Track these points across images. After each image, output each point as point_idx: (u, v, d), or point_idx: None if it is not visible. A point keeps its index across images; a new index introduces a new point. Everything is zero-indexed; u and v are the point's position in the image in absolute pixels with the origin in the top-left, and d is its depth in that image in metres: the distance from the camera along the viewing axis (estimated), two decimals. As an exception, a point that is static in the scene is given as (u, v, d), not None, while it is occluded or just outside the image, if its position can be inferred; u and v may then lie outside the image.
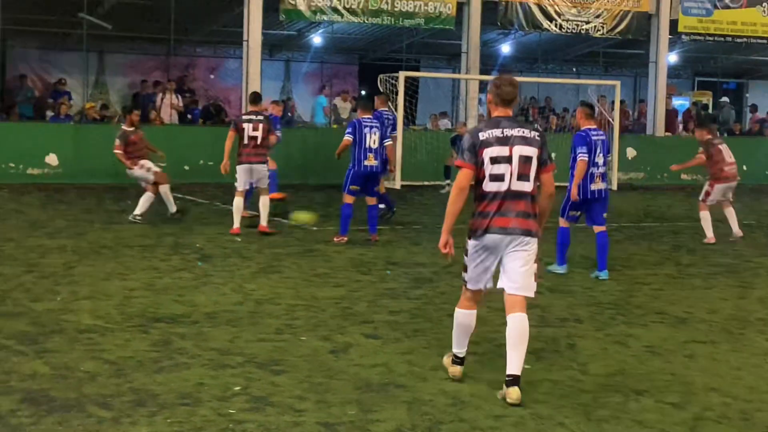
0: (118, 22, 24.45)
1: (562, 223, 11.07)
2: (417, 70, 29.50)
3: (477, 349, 7.40)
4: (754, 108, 32.04)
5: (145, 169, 14.87)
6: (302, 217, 13.95)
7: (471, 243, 6.61)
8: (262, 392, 6.21)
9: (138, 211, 14.54)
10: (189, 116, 24.50)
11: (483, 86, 27.84)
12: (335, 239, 12.93)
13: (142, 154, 14.99)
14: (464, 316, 6.73)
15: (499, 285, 6.52)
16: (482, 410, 6.01)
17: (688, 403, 6.30)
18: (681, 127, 28.16)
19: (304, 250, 12.35)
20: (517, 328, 6.31)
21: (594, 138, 10.85)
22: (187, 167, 21.51)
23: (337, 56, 31.57)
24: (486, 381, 6.62)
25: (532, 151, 6.42)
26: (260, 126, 13.48)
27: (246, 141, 13.43)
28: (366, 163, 12.96)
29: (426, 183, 22.61)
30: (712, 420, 6.01)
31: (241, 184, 13.57)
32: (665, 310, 9.25)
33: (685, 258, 12.66)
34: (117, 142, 14.84)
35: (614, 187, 23.36)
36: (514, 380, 6.20)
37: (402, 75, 22.37)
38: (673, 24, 26.27)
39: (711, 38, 27.00)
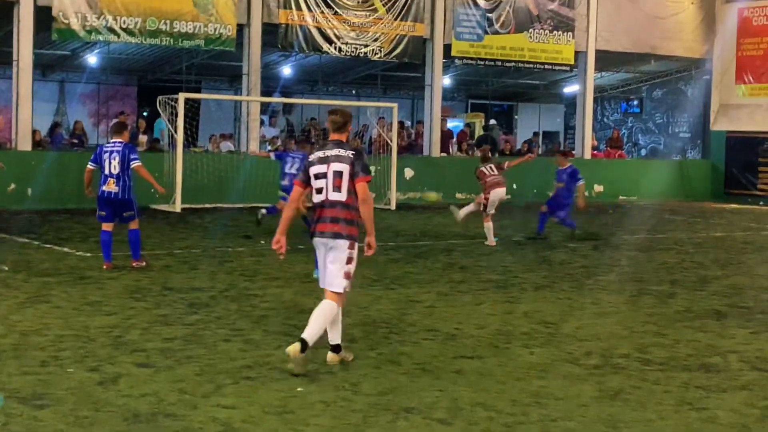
0: None
1: None
2: (198, 91, 29.25)
3: (250, 373, 7.39)
4: (503, 132, 33.32)
5: None
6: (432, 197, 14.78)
7: None
8: (23, 428, 5.96)
9: None
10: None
11: (264, 108, 27.99)
12: (104, 266, 12.64)
13: None
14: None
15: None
16: (253, 436, 5.99)
17: (455, 419, 6.50)
18: (455, 147, 29.11)
19: (76, 278, 11.95)
20: (319, 307, 7.65)
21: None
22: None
23: (115, 77, 30.83)
24: (258, 404, 6.60)
25: (343, 167, 7.62)
26: None
27: None
28: (104, 188, 12.55)
29: (207, 205, 22.39)
30: (476, 434, 6.22)
31: None
32: (436, 326, 9.52)
33: (457, 275, 13.09)
34: None
35: (393, 207, 23.93)
36: (303, 342, 7.40)
37: (182, 96, 22.10)
38: (447, 48, 27.20)
39: (482, 62, 28.12)
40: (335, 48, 25.52)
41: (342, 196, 7.60)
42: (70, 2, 21.84)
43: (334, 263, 7.62)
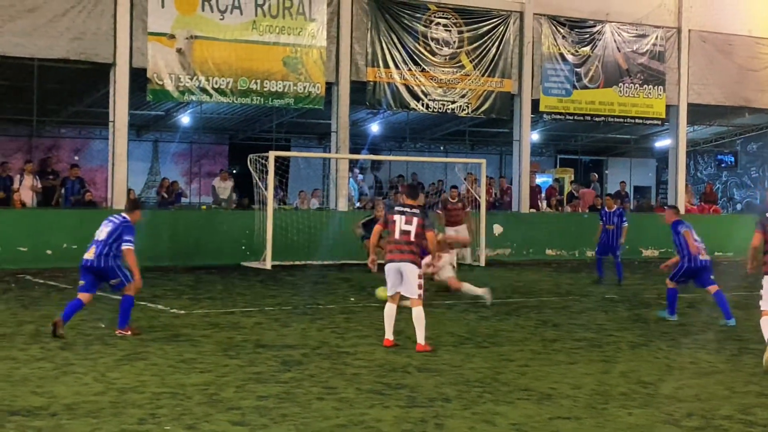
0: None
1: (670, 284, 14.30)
2: (287, 149, 29.69)
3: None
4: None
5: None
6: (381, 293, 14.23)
7: None
8: (122, 488, 6.00)
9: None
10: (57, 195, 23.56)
11: (353, 165, 28.20)
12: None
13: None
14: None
15: None
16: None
17: (554, 481, 6.36)
18: (545, 203, 28.88)
19: (171, 335, 12.09)
20: None
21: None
22: (49, 251, 20.92)
23: (206, 136, 31.50)
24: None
25: None
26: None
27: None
28: (85, 256, 11.98)
29: (297, 262, 22.53)
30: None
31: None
32: (531, 386, 9.36)
33: (550, 333, 12.89)
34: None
35: (482, 263, 23.78)
36: None
37: (272, 154, 22.39)
38: (535, 104, 27.15)
39: (571, 117, 27.99)
40: (423, 105, 25.67)
41: None
42: (165, 64, 22.42)
43: None
